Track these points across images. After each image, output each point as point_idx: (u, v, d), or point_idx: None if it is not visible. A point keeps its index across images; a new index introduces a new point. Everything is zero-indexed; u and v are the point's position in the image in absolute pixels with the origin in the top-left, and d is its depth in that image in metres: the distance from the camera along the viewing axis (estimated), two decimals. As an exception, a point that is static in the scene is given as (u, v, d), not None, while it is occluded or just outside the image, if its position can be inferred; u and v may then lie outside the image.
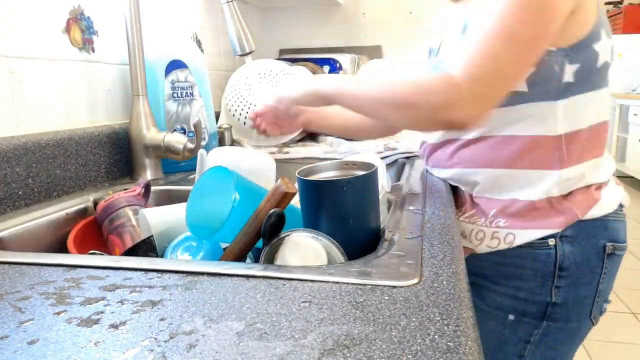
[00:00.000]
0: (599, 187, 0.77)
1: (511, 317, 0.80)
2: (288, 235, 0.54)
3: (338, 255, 0.54)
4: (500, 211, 0.79)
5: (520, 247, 0.77)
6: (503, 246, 0.78)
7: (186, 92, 1.09)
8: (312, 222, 0.59)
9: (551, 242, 0.76)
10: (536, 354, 0.80)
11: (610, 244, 0.77)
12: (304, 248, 0.53)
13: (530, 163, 0.76)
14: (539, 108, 0.74)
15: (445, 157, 0.85)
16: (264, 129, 0.97)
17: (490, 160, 0.79)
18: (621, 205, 0.80)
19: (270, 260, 0.53)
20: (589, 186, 0.76)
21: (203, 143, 1.11)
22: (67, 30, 0.90)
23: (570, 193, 0.76)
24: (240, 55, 1.01)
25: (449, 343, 0.33)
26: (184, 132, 1.09)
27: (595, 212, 0.75)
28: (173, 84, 1.06)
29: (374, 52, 2.04)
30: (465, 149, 0.82)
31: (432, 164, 0.90)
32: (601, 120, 0.77)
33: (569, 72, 0.72)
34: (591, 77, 0.73)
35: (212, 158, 0.78)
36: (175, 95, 1.07)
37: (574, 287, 0.77)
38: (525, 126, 0.75)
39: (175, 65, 1.06)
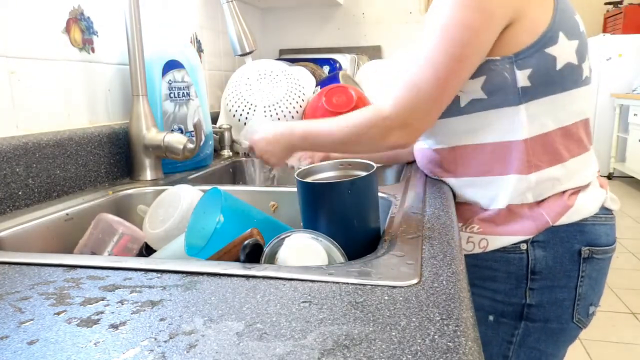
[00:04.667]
0: (576, 192, 0.77)
1: (491, 317, 0.82)
2: (288, 236, 0.54)
3: (338, 256, 0.55)
4: (476, 217, 0.81)
5: (493, 251, 0.79)
6: (477, 250, 0.80)
7: (183, 92, 1.09)
8: (313, 223, 0.59)
9: (523, 246, 0.77)
10: (521, 355, 0.81)
11: (587, 248, 0.77)
12: (304, 249, 0.53)
13: (500, 169, 0.78)
14: (501, 113, 0.75)
15: (424, 163, 0.91)
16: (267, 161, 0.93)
17: (462, 169, 0.82)
18: (606, 209, 0.80)
19: (270, 260, 0.53)
20: (564, 192, 0.77)
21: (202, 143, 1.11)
22: (67, 30, 0.90)
23: (544, 199, 0.77)
24: (240, 55, 1.01)
25: (449, 343, 0.33)
26: (181, 132, 1.09)
27: (569, 218, 0.76)
28: (170, 84, 1.06)
29: (374, 52, 2.04)
30: (439, 157, 0.85)
31: (421, 168, 0.94)
32: (576, 120, 0.77)
33: (521, 78, 0.73)
34: (552, 80, 0.73)
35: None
36: (172, 95, 1.07)
37: (549, 289, 0.78)
38: (490, 132, 0.77)
39: (171, 65, 1.06)
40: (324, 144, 0.83)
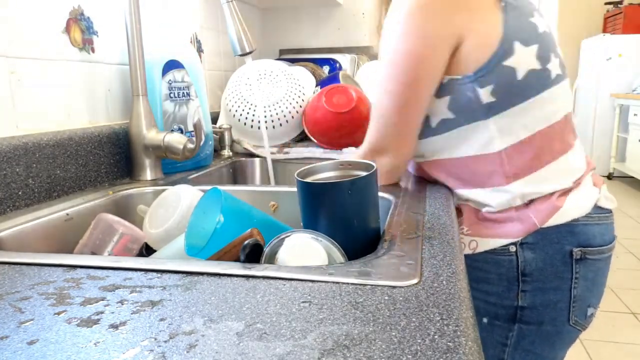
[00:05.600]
0: (565, 193, 0.77)
1: (485, 320, 0.81)
2: (288, 236, 0.54)
3: (338, 256, 0.55)
4: (466, 219, 0.82)
5: (484, 252, 0.79)
6: (468, 251, 0.81)
7: (183, 92, 1.09)
8: (313, 223, 0.59)
9: (512, 248, 0.77)
10: (516, 357, 0.81)
11: (579, 249, 0.76)
12: (304, 248, 0.53)
13: (478, 183, 0.79)
14: (472, 129, 0.76)
15: (412, 167, 0.93)
16: None
17: (444, 178, 0.83)
18: (601, 208, 0.78)
19: (271, 260, 0.53)
20: (552, 193, 0.76)
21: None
22: (67, 30, 0.90)
23: (532, 201, 0.77)
24: (240, 55, 1.01)
25: (449, 343, 0.33)
26: (181, 132, 1.09)
27: (558, 219, 0.75)
28: (170, 84, 1.06)
29: (374, 52, 2.04)
30: (421, 167, 0.88)
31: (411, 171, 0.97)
32: (552, 122, 0.76)
33: (484, 94, 0.73)
34: (516, 91, 0.73)
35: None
36: (172, 95, 1.07)
37: (541, 291, 0.77)
38: (465, 147, 0.78)
39: (171, 65, 1.06)
40: None
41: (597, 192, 0.79)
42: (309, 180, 0.64)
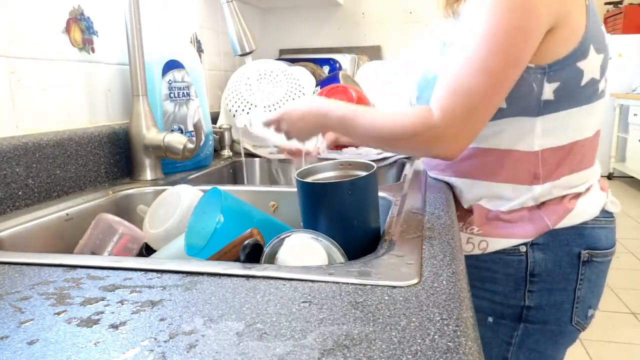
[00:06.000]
0: (576, 196, 0.77)
1: (490, 319, 0.81)
2: (288, 236, 0.54)
3: (338, 256, 0.55)
4: (476, 218, 0.81)
5: (493, 252, 0.79)
6: (477, 251, 0.80)
7: (183, 92, 1.09)
8: (313, 223, 0.59)
9: (522, 249, 0.77)
10: (520, 356, 0.81)
11: (587, 251, 0.76)
12: (304, 248, 0.53)
13: (505, 177, 0.77)
14: (517, 123, 0.74)
15: (430, 160, 0.90)
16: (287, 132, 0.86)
17: (468, 169, 0.81)
18: (607, 212, 0.79)
19: (270, 260, 0.53)
20: (564, 196, 0.77)
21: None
22: (67, 30, 0.90)
23: (544, 202, 0.77)
24: (240, 55, 1.00)
25: (449, 343, 0.33)
26: (181, 132, 1.09)
27: (569, 222, 0.76)
28: (170, 84, 1.06)
29: (374, 52, 2.04)
30: None
31: (424, 165, 0.94)
32: (587, 136, 0.76)
33: (547, 91, 0.71)
34: (574, 96, 0.72)
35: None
36: (172, 95, 1.07)
37: (548, 292, 0.77)
38: (502, 140, 0.76)
39: (171, 65, 1.06)
40: (359, 134, 0.76)
41: (605, 196, 0.80)
42: (309, 180, 0.64)
